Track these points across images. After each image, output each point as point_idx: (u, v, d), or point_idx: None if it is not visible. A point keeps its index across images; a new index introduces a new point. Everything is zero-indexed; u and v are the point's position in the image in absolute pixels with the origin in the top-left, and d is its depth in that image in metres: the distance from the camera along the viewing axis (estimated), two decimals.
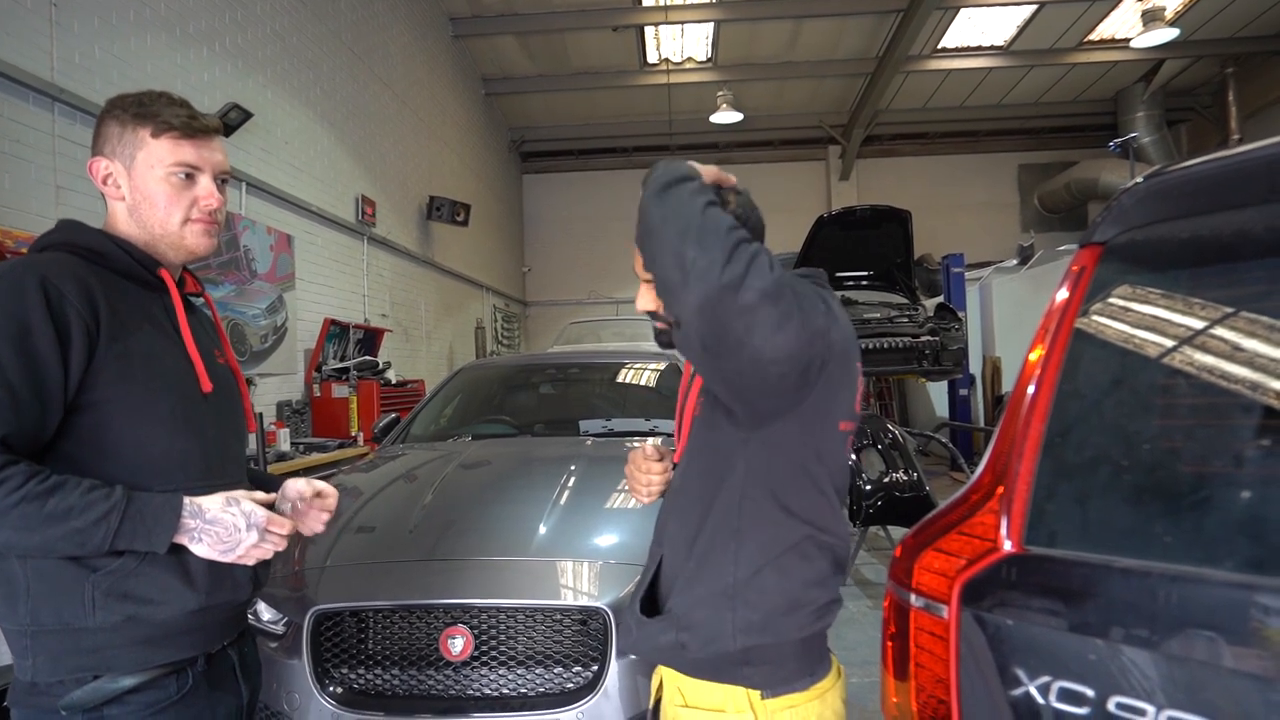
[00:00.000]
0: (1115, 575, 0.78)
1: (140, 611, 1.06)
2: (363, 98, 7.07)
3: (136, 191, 1.14)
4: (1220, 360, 0.82)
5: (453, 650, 1.82)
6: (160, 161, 1.13)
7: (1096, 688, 0.76)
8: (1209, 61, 11.27)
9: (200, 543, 1.07)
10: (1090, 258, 1.00)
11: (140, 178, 1.14)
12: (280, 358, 5.37)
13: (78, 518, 0.98)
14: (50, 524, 0.96)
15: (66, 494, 0.98)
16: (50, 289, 1.01)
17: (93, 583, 1.03)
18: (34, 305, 1.00)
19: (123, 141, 1.14)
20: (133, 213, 1.15)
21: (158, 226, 1.15)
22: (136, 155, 1.13)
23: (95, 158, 1.15)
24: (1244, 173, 0.90)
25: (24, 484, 0.96)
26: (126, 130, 1.13)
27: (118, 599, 1.04)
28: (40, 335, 1.00)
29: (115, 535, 1.00)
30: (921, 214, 9.76)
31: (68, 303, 1.02)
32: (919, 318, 6.69)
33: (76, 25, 3.62)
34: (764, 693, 1.08)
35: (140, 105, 1.14)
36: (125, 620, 1.05)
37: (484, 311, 11.32)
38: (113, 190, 1.15)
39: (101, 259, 1.12)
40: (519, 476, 2.68)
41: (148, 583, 1.06)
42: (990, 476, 0.93)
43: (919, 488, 4.12)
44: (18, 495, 0.95)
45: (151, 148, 1.13)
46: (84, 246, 1.11)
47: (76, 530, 0.98)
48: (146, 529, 1.03)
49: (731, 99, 10.65)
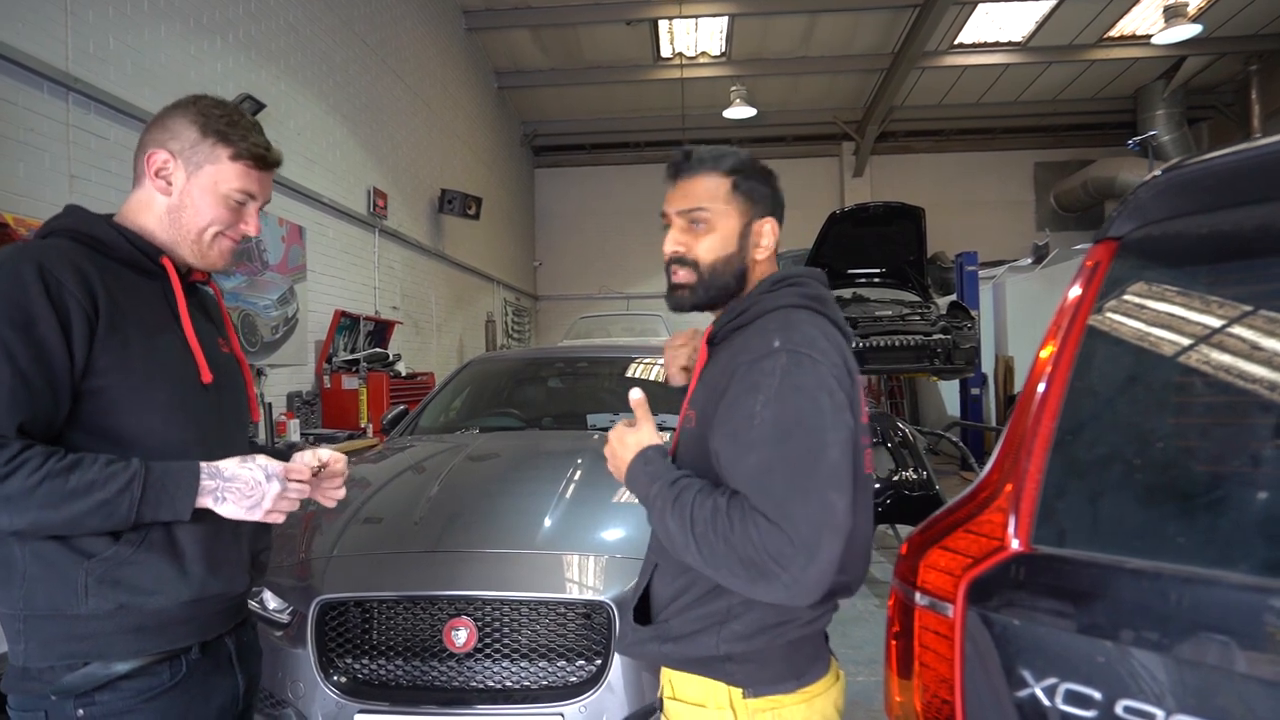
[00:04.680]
0: (1125, 576, 0.76)
1: (132, 600, 1.06)
2: (375, 90, 7.08)
3: (187, 196, 1.15)
4: (1238, 359, 0.80)
5: (457, 642, 1.82)
6: (227, 182, 1.16)
7: (1104, 690, 0.74)
8: (1231, 58, 11.09)
9: (225, 501, 1.07)
10: (1105, 253, 0.97)
11: (199, 187, 1.15)
12: (291, 349, 5.39)
13: (101, 490, 0.98)
14: (75, 499, 0.97)
15: (86, 469, 0.99)
16: (49, 277, 1.01)
17: (86, 569, 1.03)
18: (35, 294, 1.00)
19: (196, 148, 1.14)
20: (172, 212, 1.15)
21: (192, 233, 1.16)
22: (205, 166, 1.15)
23: (156, 150, 1.14)
24: (1266, 166, 0.87)
25: (44, 463, 0.96)
26: (205, 141, 1.14)
27: (110, 586, 1.04)
28: (45, 323, 1.00)
29: (140, 504, 1.01)
30: (935, 211, 9.68)
31: (66, 290, 1.02)
32: (931, 316, 6.63)
33: (91, 15, 3.64)
34: (746, 691, 1.07)
35: (230, 124, 1.16)
36: (117, 608, 1.05)
37: (494, 305, 11.34)
38: (160, 184, 1.15)
39: (103, 247, 1.12)
40: (525, 469, 2.68)
41: (141, 571, 1.06)
42: (998, 474, 0.92)
43: (928, 486, 4.09)
44: (40, 474, 0.95)
45: (225, 168, 1.16)
46: (87, 234, 1.11)
47: (102, 503, 0.98)
48: (170, 495, 1.03)
49: (745, 94, 10.59)
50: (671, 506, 1.01)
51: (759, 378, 1.01)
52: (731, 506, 0.96)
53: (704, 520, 0.97)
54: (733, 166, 1.16)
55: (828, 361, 1.02)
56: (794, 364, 1.00)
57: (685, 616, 1.11)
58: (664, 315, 9.70)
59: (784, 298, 1.11)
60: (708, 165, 1.16)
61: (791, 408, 0.98)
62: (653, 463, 1.09)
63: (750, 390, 1.00)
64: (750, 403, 1.00)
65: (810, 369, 1.00)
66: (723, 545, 0.95)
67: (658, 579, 1.19)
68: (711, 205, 1.14)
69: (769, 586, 0.93)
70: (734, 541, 0.94)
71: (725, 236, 1.15)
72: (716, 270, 1.15)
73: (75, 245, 1.09)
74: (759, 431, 0.98)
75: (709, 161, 1.16)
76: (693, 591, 1.11)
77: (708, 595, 1.09)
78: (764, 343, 1.04)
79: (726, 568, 0.96)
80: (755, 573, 0.93)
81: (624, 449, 1.13)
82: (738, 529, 0.94)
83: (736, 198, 1.15)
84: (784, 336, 1.03)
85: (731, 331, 1.14)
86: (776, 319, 1.08)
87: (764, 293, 1.13)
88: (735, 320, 1.14)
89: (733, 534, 0.94)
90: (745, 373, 1.03)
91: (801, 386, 0.99)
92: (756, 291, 1.15)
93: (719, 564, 0.96)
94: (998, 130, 13.53)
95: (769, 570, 0.92)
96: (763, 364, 1.01)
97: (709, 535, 0.96)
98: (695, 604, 1.10)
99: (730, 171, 1.15)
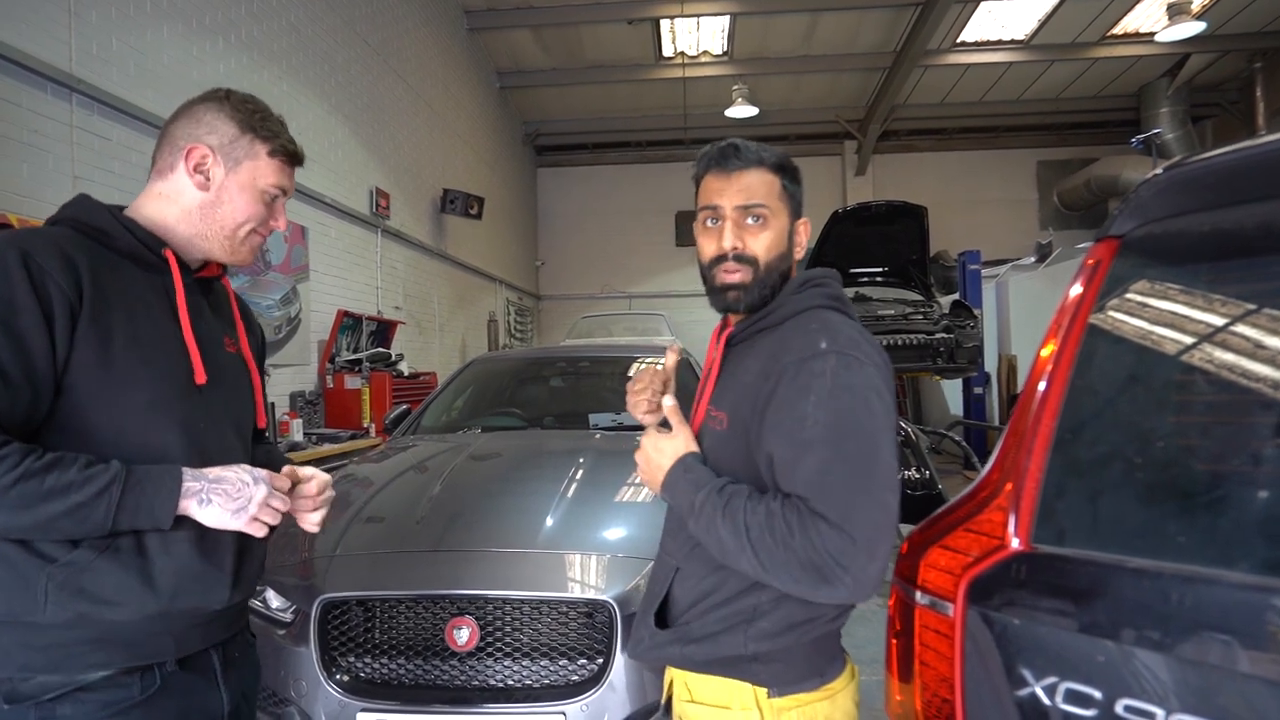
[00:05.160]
0: (1125, 575, 0.76)
1: (93, 611, 0.99)
2: (377, 90, 7.08)
3: (225, 192, 1.14)
4: (1238, 357, 0.80)
5: (459, 641, 1.83)
6: (264, 178, 1.16)
7: (1104, 689, 0.74)
8: (1236, 56, 11.04)
9: (210, 504, 1.02)
10: (1106, 252, 0.97)
11: (238, 183, 1.14)
12: (294, 349, 5.40)
13: (78, 492, 0.93)
14: (50, 500, 0.92)
15: (64, 469, 0.94)
16: (32, 264, 0.97)
17: (48, 574, 0.96)
18: (17, 282, 0.95)
19: (235, 144, 1.14)
20: (207, 208, 1.13)
21: (228, 229, 1.15)
22: (244, 163, 1.14)
23: (196, 144, 1.12)
24: (1266, 164, 0.87)
25: (20, 462, 0.92)
26: (244, 136, 1.14)
27: (71, 594, 0.97)
28: (28, 314, 0.95)
29: (117, 509, 0.96)
30: (938, 210, 9.66)
31: (49, 277, 0.98)
32: (934, 315, 6.62)
33: (94, 16, 3.64)
34: (771, 691, 1.07)
35: (264, 121, 1.16)
36: (76, 618, 0.98)
37: (497, 305, 11.34)
38: (199, 179, 1.12)
39: (105, 237, 1.07)
40: (527, 469, 2.68)
41: (103, 580, 0.99)
42: (999, 473, 0.92)
43: (931, 486, 4.08)
44: (15, 473, 0.91)
45: (263, 164, 1.16)
46: (88, 223, 1.07)
47: (78, 505, 0.93)
48: (149, 499, 0.98)
49: (747, 93, 10.58)
50: (722, 514, 1.00)
51: (808, 379, 1.00)
52: (788, 510, 0.96)
53: (759, 526, 0.97)
54: (781, 163, 1.15)
55: (871, 362, 1.02)
56: (843, 365, 1.00)
57: (709, 618, 1.11)
58: (666, 314, 9.70)
59: (812, 298, 1.11)
60: (762, 160, 1.13)
61: (846, 409, 0.98)
62: (693, 470, 1.08)
63: (801, 392, 1.00)
64: (803, 405, 0.99)
65: (859, 370, 1.00)
66: (782, 550, 0.94)
67: (679, 584, 1.17)
68: (769, 202, 1.12)
69: (831, 589, 0.93)
70: (794, 546, 0.93)
71: (779, 235, 1.14)
72: (771, 269, 1.13)
73: (75, 234, 1.05)
74: (813, 432, 0.97)
75: (762, 157, 1.14)
76: (721, 592, 1.10)
77: (736, 595, 1.09)
78: (808, 343, 1.03)
79: (786, 572, 0.95)
80: (818, 576, 0.93)
81: (661, 456, 1.12)
82: (798, 533, 0.93)
83: (785, 196, 1.15)
84: (830, 338, 1.03)
85: (756, 332, 1.14)
86: (815, 320, 1.07)
87: (791, 293, 1.13)
88: (761, 321, 1.13)
89: (793, 539, 0.94)
90: (794, 375, 1.02)
91: (852, 387, 0.99)
92: (784, 292, 1.14)
93: (778, 569, 0.96)
94: (1000, 129, 13.49)
95: (832, 573, 0.92)
96: (811, 365, 1.01)
97: (766, 540, 0.96)
98: (721, 605, 1.10)
99: (778, 169, 1.14)
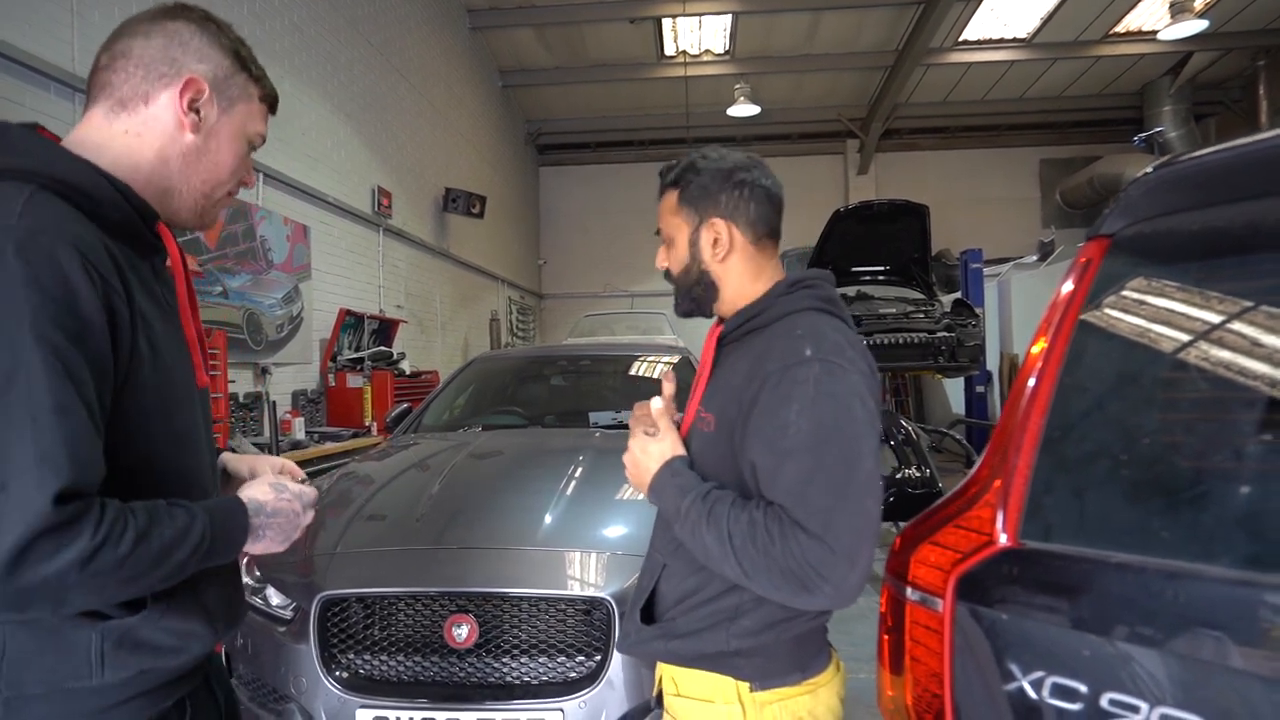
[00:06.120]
0: (1110, 570, 0.77)
1: (156, 664, 0.86)
2: (380, 89, 7.10)
3: (214, 139, 0.93)
4: (1228, 355, 0.80)
5: (457, 638, 1.84)
6: (252, 124, 0.98)
7: (1090, 683, 0.75)
8: (1239, 54, 11.01)
9: (263, 539, 0.94)
10: (1097, 250, 0.98)
11: (231, 129, 0.95)
12: (296, 347, 5.42)
13: (179, 549, 0.80)
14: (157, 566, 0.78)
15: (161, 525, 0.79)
16: (92, 272, 0.77)
17: (101, 634, 0.81)
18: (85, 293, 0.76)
19: (230, 80, 0.94)
20: (191, 155, 0.92)
21: (205, 184, 0.94)
22: (239, 105, 0.95)
23: (193, 76, 0.90)
24: (1256, 163, 0.88)
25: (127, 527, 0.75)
26: (239, 73, 0.95)
27: (130, 650, 0.83)
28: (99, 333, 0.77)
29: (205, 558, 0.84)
30: (940, 209, 9.65)
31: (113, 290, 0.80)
32: (935, 313, 6.61)
33: (97, 15, 3.66)
34: (753, 685, 1.08)
35: (252, 58, 0.98)
36: (138, 674, 0.85)
37: (499, 303, 11.36)
38: (190, 120, 0.90)
39: (96, 207, 0.83)
40: (527, 467, 2.69)
41: (165, 628, 0.86)
42: (988, 470, 0.92)
43: (931, 484, 4.09)
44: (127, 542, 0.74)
45: (254, 108, 0.98)
46: (74, 186, 0.81)
47: (180, 565, 0.81)
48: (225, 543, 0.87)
49: (749, 92, 10.58)
50: (706, 520, 1.02)
51: (791, 387, 1.01)
52: (769, 519, 0.97)
53: (742, 534, 0.98)
54: (675, 178, 1.18)
55: (856, 369, 1.03)
56: (826, 373, 1.00)
57: (693, 615, 1.12)
58: (668, 313, 9.71)
59: (801, 300, 1.11)
60: (665, 183, 1.20)
61: (828, 417, 0.98)
62: (680, 474, 1.09)
63: (783, 400, 1.01)
64: (784, 412, 1.00)
65: (842, 378, 1.01)
66: (763, 559, 0.96)
67: (665, 580, 1.19)
68: (666, 223, 1.20)
69: (812, 597, 0.95)
70: (775, 555, 0.95)
71: (680, 249, 1.19)
72: (682, 281, 1.20)
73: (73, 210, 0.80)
74: (795, 440, 0.98)
75: (667, 180, 1.20)
76: (705, 591, 1.12)
77: (720, 594, 1.10)
78: (793, 350, 1.04)
79: (768, 579, 0.97)
80: (798, 584, 0.94)
81: (648, 459, 1.13)
82: (778, 543, 0.95)
83: (683, 209, 1.18)
84: (814, 345, 1.03)
85: (745, 334, 1.15)
86: (802, 324, 1.08)
87: (780, 295, 1.13)
88: (750, 322, 1.14)
89: (773, 547, 0.95)
90: (776, 382, 1.02)
91: (835, 394, 0.99)
92: (772, 294, 1.14)
93: (760, 576, 0.97)
94: (1003, 127, 13.47)
95: (812, 582, 0.93)
96: (795, 372, 1.01)
97: (748, 549, 0.97)
98: (706, 602, 1.11)
99: (675, 184, 1.18)
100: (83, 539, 0.71)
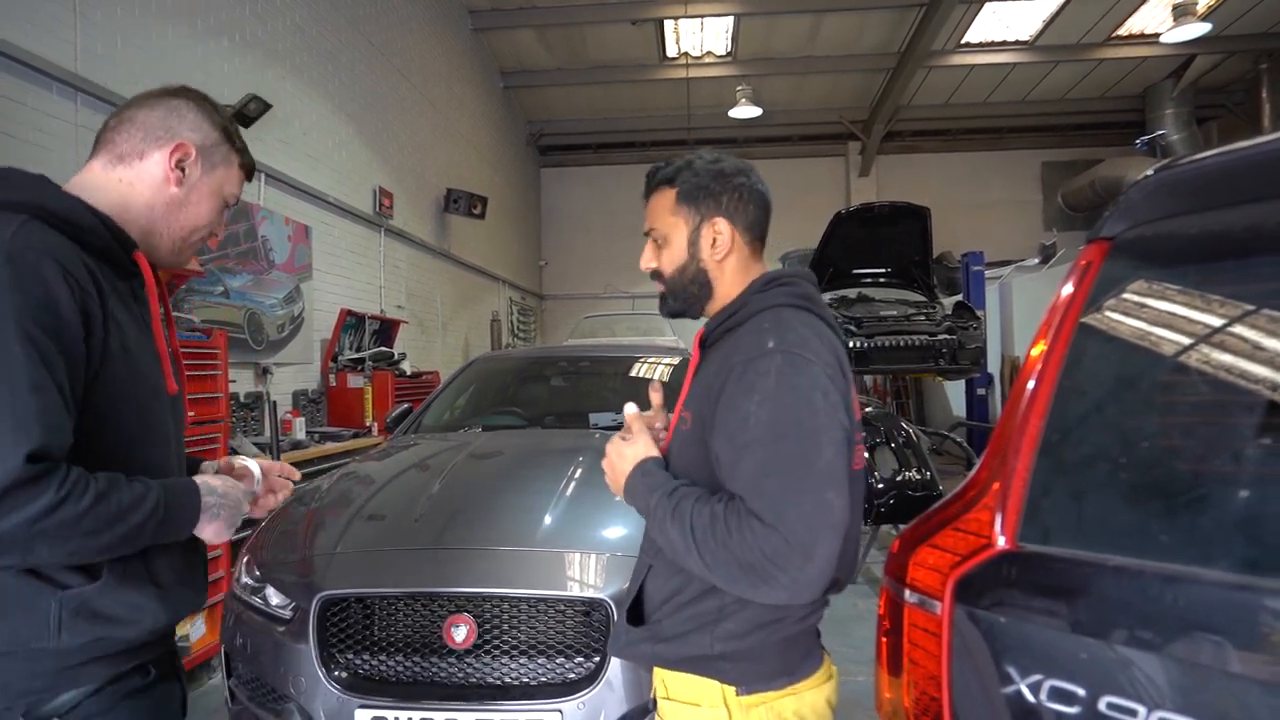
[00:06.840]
0: (1108, 574, 0.77)
1: (111, 633, 0.96)
2: (381, 90, 7.10)
3: (195, 193, 1.11)
4: (1229, 358, 0.80)
5: (456, 638, 1.84)
6: (229, 185, 1.16)
7: (1088, 687, 0.75)
8: (1242, 57, 11.01)
9: (217, 519, 1.04)
10: (1097, 253, 0.98)
11: (209, 187, 1.13)
12: (297, 347, 5.42)
13: (135, 513, 0.92)
14: (114, 525, 0.90)
15: (119, 491, 0.91)
16: (70, 281, 0.91)
17: (60, 601, 0.92)
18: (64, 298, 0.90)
19: (216, 149, 1.13)
20: (173, 204, 1.09)
21: (185, 230, 1.12)
22: (219, 169, 1.14)
23: (183, 142, 1.08)
24: (1256, 166, 0.88)
25: (89, 486, 0.88)
26: (223, 144, 1.14)
27: (87, 619, 0.94)
28: (73, 330, 0.91)
29: (159, 527, 0.95)
30: (942, 211, 9.65)
31: (89, 297, 0.93)
32: (936, 316, 6.61)
33: (99, 15, 3.67)
34: (739, 689, 1.08)
35: (238, 134, 1.17)
36: (93, 641, 0.95)
37: (500, 304, 11.36)
38: (175, 175, 1.08)
39: (80, 234, 0.97)
40: (527, 468, 2.69)
41: (118, 600, 0.97)
42: (987, 472, 0.92)
43: (931, 486, 4.09)
44: (87, 498, 0.87)
45: (233, 172, 1.16)
46: (59, 216, 0.96)
47: (135, 528, 0.92)
48: (179, 516, 0.99)
49: (750, 94, 10.58)
50: (671, 516, 1.03)
51: (754, 379, 1.02)
52: (729, 512, 0.97)
53: (703, 527, 0.98)
54: (673, 177, 1.19)
55: (820, 361, 1.03)
56: (788, 364, 1.01)
57: (678, 617, 1.12)
58: None
59: (774, 297, 1.12)
60: (659, 182, 1.21)
61: (788, 408, 0.99)
62: (650, 474, 1.11)
63: (746, 392, 1.02)
64: (745, 404, 1.01)
65: (804, 370, 1.01)
66: (723, 551, 0.96)
67: (651, 580, 1.19)
68: (661, 221, 1.20)
69: (770, 589, 0.95)
70: (732, 546, 0.95)
71: (677, 248, 1.19)
72: (676, 279, 1.21)
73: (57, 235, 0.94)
74: (754, 432, 0.99)
75: (660, 178, 1.21)
76: (687, 592, 1.12)
77: (701, 595, 1.10)
78: (758, 343, 1.05)
79: (727, 572, 0.97)
80: (755, 576, 0.94)
81: (622, 461, 1.15)
82: (735, 534, 0.95)
83: (681, 208, 1.18)
84: (778, 337, 1.04)
85: (724, 333, 1.15)
86: (769, 318, 1.08)
87: (755, 293, 1.15)
88: (727, 321, 1.15)
89: (730, 539, 0.95)
90: (740, 374, 1.03)
91: (796, 387, 1.00)
92: (748, 292, 1.16)
93: (720, 569, 0.98)
94: (1005, 130, 13.47)
95: (767, 573, 0.93)
96: (757, 364, 1.02)
97: (709, 541, 0.97)
98: (688, 604, 1.11)
99: (673, 182, 1.19)
100: (49, 492, 0.84)
